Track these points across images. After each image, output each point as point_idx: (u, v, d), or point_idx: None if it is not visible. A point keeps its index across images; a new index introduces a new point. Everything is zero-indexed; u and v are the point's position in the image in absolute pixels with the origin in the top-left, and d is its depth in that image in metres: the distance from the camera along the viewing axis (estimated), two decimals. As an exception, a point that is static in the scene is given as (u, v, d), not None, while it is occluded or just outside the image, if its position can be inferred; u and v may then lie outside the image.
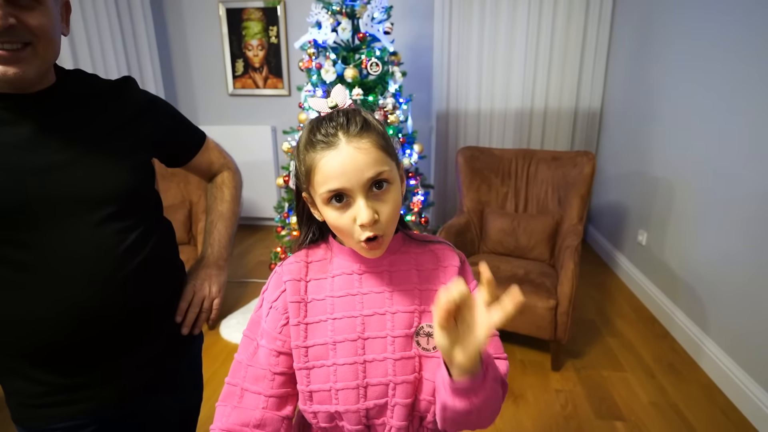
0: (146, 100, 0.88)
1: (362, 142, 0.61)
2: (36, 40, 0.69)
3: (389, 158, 0.64)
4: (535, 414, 1.84)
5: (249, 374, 0.70)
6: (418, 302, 0.69)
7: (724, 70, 2.03)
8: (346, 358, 0.67)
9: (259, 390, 0.69)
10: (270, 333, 0.69)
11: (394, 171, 0.65)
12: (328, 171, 0.61)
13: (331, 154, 0.61)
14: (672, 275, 2.43)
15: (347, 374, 0.66)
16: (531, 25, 3.29)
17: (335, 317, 0.68)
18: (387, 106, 2.29)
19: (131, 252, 0.79)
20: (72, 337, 0.75)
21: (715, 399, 1.89)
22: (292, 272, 0.71)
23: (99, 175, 0.76)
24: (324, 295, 0.70)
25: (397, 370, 0.66)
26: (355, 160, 0.60)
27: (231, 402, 0.69)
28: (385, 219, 0.63)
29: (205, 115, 4.03)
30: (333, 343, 0.67)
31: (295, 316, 0.68)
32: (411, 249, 0.74)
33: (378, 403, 0.67)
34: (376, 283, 0.70)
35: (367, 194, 0.61)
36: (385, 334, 0.67)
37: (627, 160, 3.06)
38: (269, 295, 0.72)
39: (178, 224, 2.62)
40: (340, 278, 0.71)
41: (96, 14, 3.03)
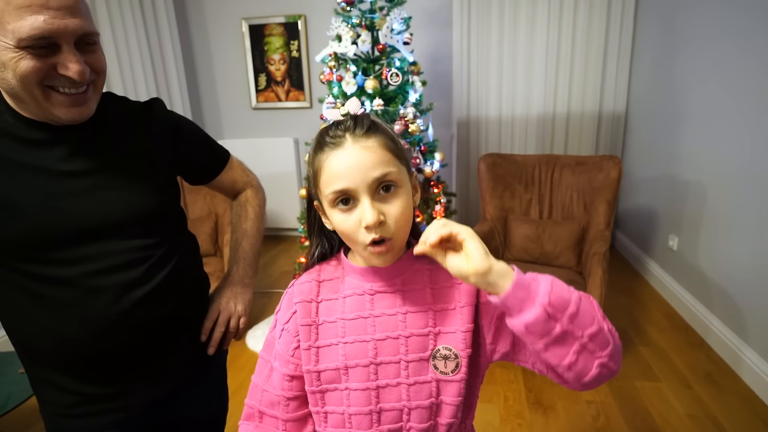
0: (172, 121, 0.90)
1: (369, 141, 0.61)
2: (97, 78, 0.74)
3: (397, 160, 0.63)
4: (565, 426, 1.79)
5: (265, 398, 0.71)
6: (433, 324, 0.66)
7: (752, 69, 1.96)
8: (359, 384, 0.65)
9: (276, 414, 0.70)
10: (283, 356, 0.69)
11: (403, 174, 0.63)
12: (334, 170, 0.60)
13: (337, 153, 0.61)
14: (706, 281, 2.34)
15: (360, 399, 0.65)
16: (551, 29, 3.25)
17: (346, 341, 0.66)
18: (407, 116, 2.30)
19: (156, 267, 0.81)
20: (102, 349, 0.77)
21: (757, 411, 1.81)
22: (303, 293, 0.69)
23: (127, 195, 0.79)
24: (335, 317, 0.68)
25: (411, 395, 0.64)
26: (361, 159, 0.59)
27: (253, 422, 0.72)
28: (393, 221, 0.61)
29: (229, 129, 4.13)
30: (345, 368, 0.66)
31: (305, 340, 0.67)
32: (424, 265, 0.69)
33: (392, 428, 0.65)
34: (389, 304, 0.67)
35: (373, 195, 0.60)
36: (398, 359, 0.65)
37: (654, 163, 2.98)
38: (282, 316, 0.72)
39: (205, 236, 2.68)
40: (352, 299, 0.68)
41: (126, 34, 3.15)
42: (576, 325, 0.53)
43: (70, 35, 0.66)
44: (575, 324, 0.53)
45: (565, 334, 0.53)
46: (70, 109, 0.71)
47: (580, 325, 0.53)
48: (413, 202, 0.67)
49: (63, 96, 0.69)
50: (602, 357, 0.54)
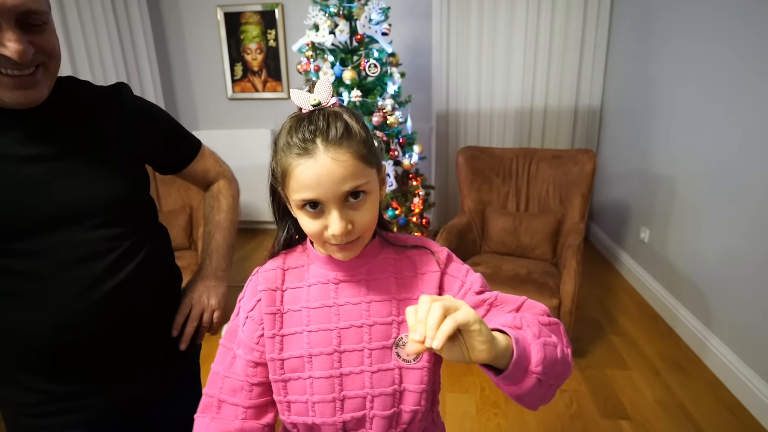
0: (140, 107, 0.87)
1: (340, 152, 0.57)
2: (48, 60, 0.69)
3: (369, 168, 0.61)
4: (539, 414, 1.83)
5: (226, 385, 0.69)
6: (396, 312, 0.67)
7: (725, 66, 2.01)
8: (322, 372, 0.65)
9: (237, 401, 0.68)
10: (247, 343, 0.69)
11: (373, 180, 0.62)
12: (303, 180, 0.58)
13: (307, 163, 0.58)
14: (675, 272, 2.41)
15: (323, 387, 0.65)
16: (530, 24, 3.28)
17: (311, 330, 0.66)
18: (386, 108, 2.28)
19: (124, 260, 0.78)
20: (67, 345, 0.74)
21: (722, 397, 1.88)
22: (267, 281, 0.69)
23: (90, 184, 0.75)
24: (300, 305, 0.68)
25: (374, 383, 0.65)
26: (332, 172, 0.57)
27: (209, 413, 0.69)
28: (360, 227, 0.62)
29: (204, 120, 4.04)
30: (309, 356, 0.66)
31: (270, 328, 0.67)
32: (389, 255, 0.70)
33: (355, 415, 0.65)
34: (353, 293, 0.67)
35: (342, 205, 0.59)
36: (362, 346, 0.66)
37: (628, 158, 3.05)
38: (245, 303, 0.71)
39: (179, 229, 2.62)
40: (316, 288, 0.68)
41: (94, 21, 3.03)
42: (558, 378, 0.56)
43: (8, 12, 0.61)
44: (558, 378, 0.56)
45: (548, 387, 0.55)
46: (14, 92, 0.67)
47: (560, 377, 0.57)
48: (380, 196, 0.66)
49: (7, 78, 0.65)
50: (560, 385, 0.58)
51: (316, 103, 0.61)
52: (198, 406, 0.71)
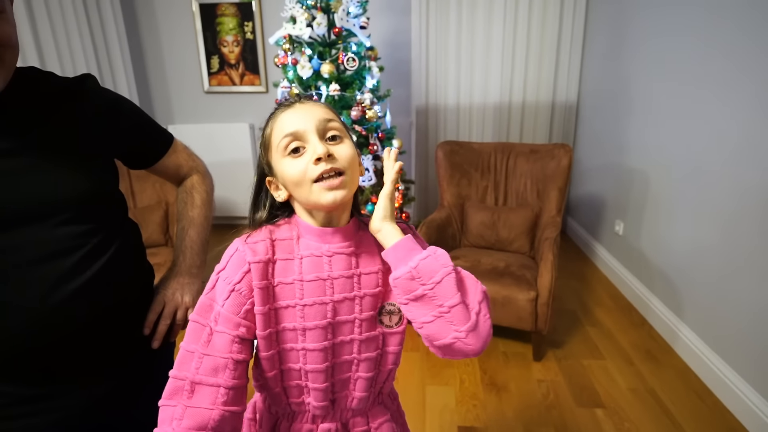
0: (107, 99, 0.84)
1: (317, 103, 0.69)
2: (3, 51, 0.66)
3: (339, 122, 0.69)
4: (517, 404, 1.86)
5: (205, 365, 0.63)
6: (382, 284, 0.72)
7: (697, 64, 2.07)
8: (316, 344, 0.67)
9: (218, 382, 0.63)
10: (231, 318, 0.64)
11: (346, 133, 0.69)
12: (285, 121, 0.66)
13: (286, 110, 0.68)
14: (648, 264, 2.48)
15: (316, 358, 0.68)
16: (507, 20, 3.30)
17: (305, 303, 0.67)
18: (364, 102, 2.27)
19: (92, 257, 0.76)
20: (34, 346, 0.72)
21: (690, 383, 1.95)
22: (257, 252, 0.66)
23: (56, 178, 0.73)
24: (292, 278, 0.67)
25: (362, 349, 0.71)
26: (310, 108, 0.67)
27: (180, 399, 0.62)
28: (342, 157, 0.65)
29: (180, 114, 3.95)
30: (303, 330, 0.67)
31: (263, 303, 0.65)
32: (367, 233, 0.73)
33: (342, 378, 0.71)
34: (346, 265, 0.70)
35: (321, 137, 0.66)
36: (353, 317, 0.70)
37: (603, 152, 3.11)
38: (229, 275, 0.66)
39: (155, 225, 2.57)
40: (309, 260, 0.68)
41: (62, 10, 2.93)
42: (437, 292, 0.61)
43: None
44: (436, 291, 0.61)
45: (425, 298, 0.62)
46: None
47: (440, 295, 0.61)
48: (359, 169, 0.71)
49: None
50: (458, 331, 0.61)
51: None
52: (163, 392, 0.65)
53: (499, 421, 1.78)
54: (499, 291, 2.07)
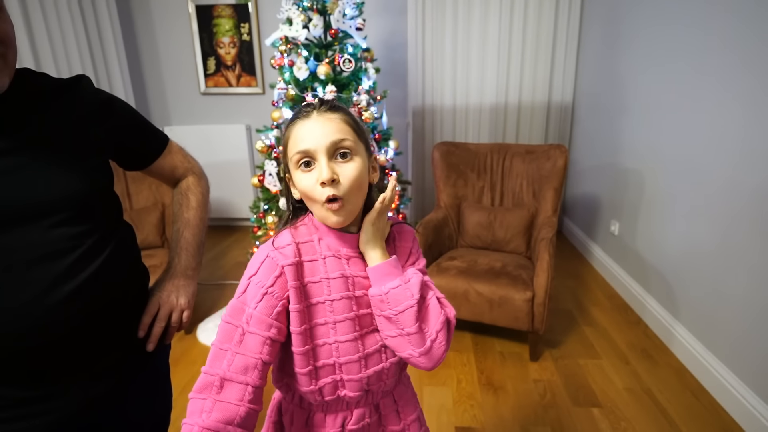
0: (101, 99, 0.84)
1: (330, 115, 0.71)
2: (4, 50, 0.66)
3: (356, 136, 0.72)
4: (514, 405, 1.87)
5: (237, 363, 0.66)
6: None
7: (691, 64, 2.08)
8: (347, 336, 0.73)
9: (246, 381, 0.66)
10: (263, 319, 0.68)
11: (359, 147, 0.72)
12: (299, 135, 0.70)
13: (303, 122, 0.71)
14: (643, 263, 2.49)
15: (349, 349, 0.73)
16: (503, 21, 3.32)
17: (333, 298, 0.73)
18: (361, 103, 2.28)
19: (86, 259, 0.75)
20: (28, 348, 0.71)
21: (686, 382, 1.96)
22: (287, 256, 0.71)
23: (49, 179, 0.73)
24: (319, 276, 0.73)
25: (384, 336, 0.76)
26: (322, 126, 0.69)
27: (209, 394, 0.65)
28: (346, 181, 0.69)
29: (177, 116, 3.95)
30: (333, 323, 0.72)
31: (297, 302, 0.70)
32: None
33: (376, 369, 0.75)
34: (361, 267, 0.76)
35: (330, 157, 0.69)
36: (370, 311, 0.75)
37: (599, 152, 3.13)
38: (261, 279, 0.70)
39: (151, 227, 2.56)
40: (331, 260, 0.75)
41: (58, 11, 2.92)
42: (399, 318, 0.71)
43: None
44: (399, 318, 0.71)
45: (390, 319, 0.72)
46: None
47: (402, 321, 0.71)
48: (369, 178, 0.76)
49: None
50: (414, 351, 0.71)
51: None
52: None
53: (496, 422, 1.78)
54: (495, 291, 2.08)
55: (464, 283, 2.14)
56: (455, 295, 2.15)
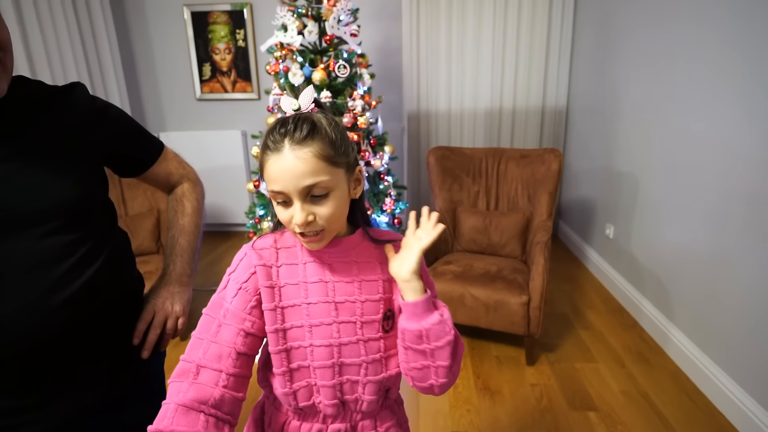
0: (96, 107, 0.84)
1: (303, 151, 0.65)
2: (3, 55, 0.66)
3: (332, 167, 0.67)
4: (511, 409, 1.87)
5: (211, 351, 0.69)
6: (383, 291, 0.77)
7: (683, 68, 2.10)
8: (322, 340, 0.72)
9: (220, 367, 0.69)
10: (237, 313, 0.71)
11: (337, 177, 0.69)
12: (272, 174, 0.66)
13: (275, 158, 0.66)
14: (638, 266, 2.51)
15: (323, 354, 0.72)
16: (497, 26, 3.34)
17: (310, 302, 0.73)
18: (356, 109, 2.28)
19: (80, 266, 0.75)
20: (20, 357, 0.71)
21: (682, 385, 1.96)
22: (262, 257, 0.74)
23: (43, 187, 0.72)
24: (297, 280, 0.74)
25: (367, 351, 0.74)
26: (293, 168, 0.65)
27: (186, 378, 0.68)
28: (323, 220, 0.68)
29: (172, 122, 3.94)
30: (309, 326, 0.72)
31: (269, 301, 0.71)
32: (370, 244, 0.79)
33: (351, 378, 0.74)
34: (346, 273, 0.75)
35: (304, 199, 0.67)
36: (355, 319, 0.74)
37: (593, 156, 3.15)
38: (239, 275, 0.73)
39: (146, 233, 2.56)
40: (312, 265, 0.75)
41: (53, 18, 2.92)
42: (435, 353, 0.70)
43: None
44: (435, 352, 0.70)
45: (424, 352, 0.70)
46: None
47: (437, 355, 0.70)
48: (352, 195, 0.74)
49: None
50: (437, 381, 0.72)
51: (297, 107, 0.70)
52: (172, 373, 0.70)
53: (493, 426, 1.78)
54: (491, 295, 2.08)
55: (460, 287, 2.14)
56: (451, 300, 2.15)
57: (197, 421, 0.65)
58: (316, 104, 0.72)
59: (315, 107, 0.72)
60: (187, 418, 0.64)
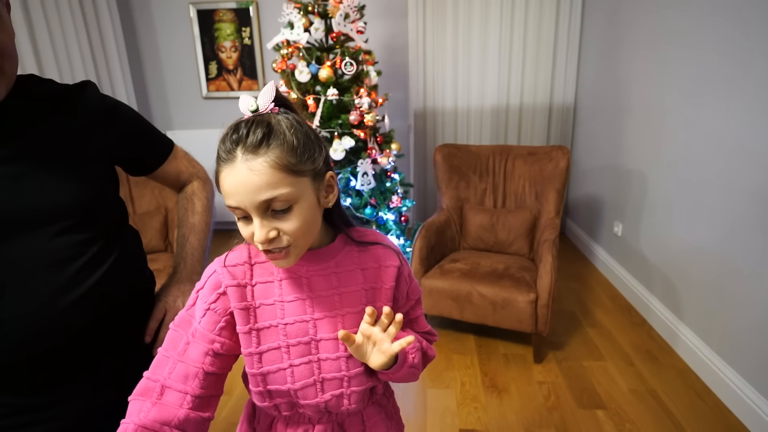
0: (106, 105, 0.84)
1: (257, 162, 0.58)
2: (2, 60, 0.66)
3: (293, 176, 0.60)
4: (518, 407, 1.86)
5: (178, 371, 0.65)
6: (365, 301, 0.72)
7: (693, 64, 2.08)
8: (302, 359, 0.69)
9: (185, 389, 0.64)
10: (205, 334, 0.66)
11: (299, 188, 0.61)
12: (225, 187, 0.60)
13: (228, 170, 0.59)
14: (647, 264, 2.49)
15: (303, 373, 0.69)
16: (504, 23, 3.32)
17: (286, 322, 0.68)
18: (363, 106, 2.28)
19: (92, 265, 0.75)
20: (32, 356, 0.71)
21: (691, 383, 1.95)
22: (235, 276, 0.68)
23: (53, 186, 0.72)
24: (273, 299, 0.68)
25: (350, 366, 0.71)
26: (247, 181, 0.57)
27: (149, 398, 0.64)
28: (288, 235, 0.62)
29: (179, 120, 3.96)
30: (287, 347, 0.68)
31: (244, 323, 0.67)
32: (353, 249, 0.74)
33: (335, 393, 0.70)
34: (325, 285, 0.70)
35: (263, 214, 0.60)
36: (335, 335, 0.70)
37: (601, 154, 3.12)
38: (205, 295, 0.68)
39: (154, 231, 2.57)
40: (288, 282, 0.69)
41: (60, 18, 2.94)
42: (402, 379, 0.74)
43: None
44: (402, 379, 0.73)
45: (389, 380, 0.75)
46: None
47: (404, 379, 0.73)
48: (323, 204, 0.67)
49: None
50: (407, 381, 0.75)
51: (254, 109, 0.62)
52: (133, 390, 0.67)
53: (501, 424, 1.78)
54: (498, 293, 2.07)
55: (467, 285, 2.14)
56: (458, 298, 2.14)
57: None
58: (278, 103, 0.63)
59: (276, 107, 0.63)
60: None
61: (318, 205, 0.65)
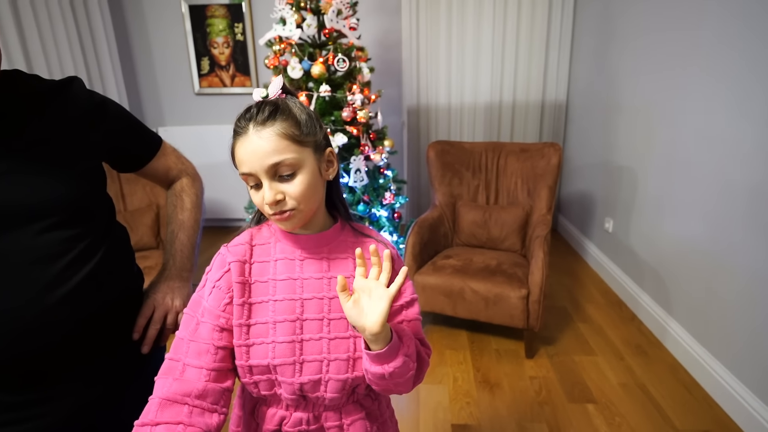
0: (94, 102, 0.83)
1: (265, 131, 0.67)
2: None
3: (297, 145, 0.69)
4: (510, 402, 1.88)
5: (191, 349, 0.72)
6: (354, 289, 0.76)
7: (683, 62, 2.10)
8: (285, 337, 0.72)
9: (201, 364, 0.71)
10: (212, 311, 0.73)
11: (303, 156, 0.69)
12: (239, 156, 0.69)
13: (241, 141, 0.69)
14: (637, 260, 2.51)
15: (285, 351, 0.72)
16: (497, 20, 3.33)
17: (276, 299, 0.74)
18: (355, 103, 2.28)
19: (78, 262, 0.75)
20: (20, 353, 0.71)
21: (680, 377, 1.98)
22: (237, 254, 0.75)
23: (40, 183, 0.72)
24: (267, 277, 0.75)
25: (331, 349, 0.74)
26: (257, 147, 0.67)
27: (172, 375, 0.70)
28: (292, 198, 0.69)
29: (171, 116, 3.93)
30: (273, 323, 0.73)
31: (239, 296, 0.72)
32: (348, 238, 0.80)
33: (312, 378, 0.73)
34: (316, 269, 0.76)
35: (272, 178, 0.68)
36: (321, 316, 0.74)
37: (593, 151, 3.15)
38: (213, 275, 0.75)
39: (146, 228, 2.56)
40: (282, 263, 0.76)
41: (50, 12, 2.90)
42: (399, 384, 0.72)
43: None
44: (398, 384, 0.72)
45: (386, 384, 0.72)
46: None
47: (400, 386, 0.73)
48: (325, 176, 0.75)
49: None
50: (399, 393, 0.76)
51: (265, 95, 0.73)
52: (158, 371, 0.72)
53: (493, 418, 1.80)
54: (491, 289, 2.09)
55: (460, 281, 2.15)
56: (451, 294, 2.16)
57: (181, 412, 0.67)
58: (284, 91, 0.75)
59: (283, 94, 0.74)
60: (170, 410, 0.67)
61: (320, 175, 0.73)
